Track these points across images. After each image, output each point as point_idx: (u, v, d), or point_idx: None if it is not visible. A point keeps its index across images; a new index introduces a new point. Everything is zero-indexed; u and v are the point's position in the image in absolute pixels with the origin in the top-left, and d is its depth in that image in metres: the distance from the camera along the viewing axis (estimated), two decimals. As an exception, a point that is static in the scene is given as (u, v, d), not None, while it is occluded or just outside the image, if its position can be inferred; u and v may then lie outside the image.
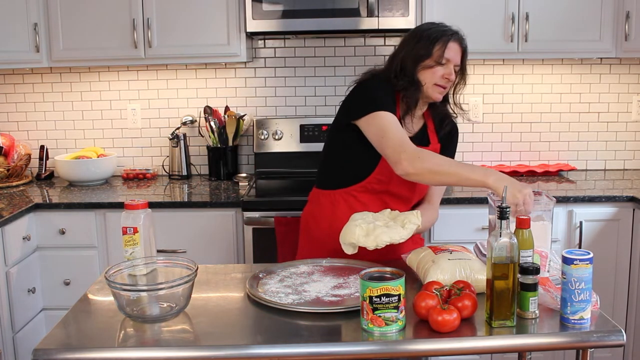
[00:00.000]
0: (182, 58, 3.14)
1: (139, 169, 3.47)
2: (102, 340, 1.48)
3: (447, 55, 2.00)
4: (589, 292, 1.46)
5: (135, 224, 1.79)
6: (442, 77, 2.01)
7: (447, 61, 2.01)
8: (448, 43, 2.00)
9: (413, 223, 1.81)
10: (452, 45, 2.01)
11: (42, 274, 2.91)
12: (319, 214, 2.16)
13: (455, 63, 2.03)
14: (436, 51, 2.00)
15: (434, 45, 2.00)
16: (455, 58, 2.03)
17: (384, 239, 1.75)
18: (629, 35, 2.99)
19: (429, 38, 2.01)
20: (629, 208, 2.84)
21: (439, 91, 2.04)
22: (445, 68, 2.01)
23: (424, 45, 2.01)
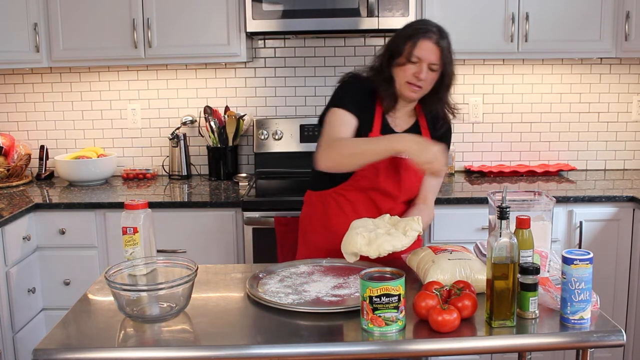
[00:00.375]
0: (182, 58, 3.14)
1: (139, 169, 3.47)
2: (102, 340, 1.48)
3: (417, 54, 1.97)
4: (589, 292, 1.46)
5: (135, 224, 1.79)
6: (412, 75, 1.99)
7: (419, 59, 1.97)
8: (418, 41, 1.97)
9: (415, 230, 1.79)
10: (424, 44, 1.97)
11: (42, 274, 2.91)
12: (313, 215, 2.18)
13: (429, 62, 1.97)
14: (407, 49, 1.98)
15: (406, 42, 1.98)
16: (429, 57, 1.97)
17: (387, 248, 1.73)
18: (629, 35, 2.99)
19: (403, 36, 2.01)
20: (629, 208, 2.84)
21: (411, 89, 2.01)
22: (416, 66, 1.98)
23: (399, 43, 2.01)
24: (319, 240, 2.10)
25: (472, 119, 3.45)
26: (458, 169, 3.48)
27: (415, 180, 2.10)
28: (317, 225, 2.14)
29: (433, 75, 2.00)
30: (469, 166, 3.45)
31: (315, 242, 2.13)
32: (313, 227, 2.17)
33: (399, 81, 2.01)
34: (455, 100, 2.13)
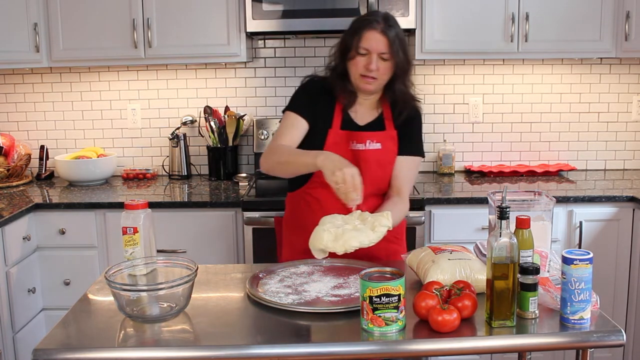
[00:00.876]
0: (182, 58, 3.14)
1: (139, 169, 3.47)
2: (102, 340, 1.48)
3: (364, 45, 1.97)
4: (589, 292, 1.46)
5: (135, 224, 1.79)
6: (364, 68, 1.99)
7: (367, 51, 1.98)
8: (364, 33, 1.97)
9: (383, 226, 1.76)
10: (370, 35, 1.97)
11: (42, 274, 2.91)
12: (290, 216, 2.20)
13: (378, 51, 1.97)
14: (354, 42, 1.98)
15: (353, 36, 1.99)
16: (376, 47, 1.97)
17: (353, 244, 1.70)
18: (629, 35, 2.99)
19: (351, 30, 2.02)
20: (629, 208, 2.84)
21: (365, 82, 2.01)
22: (366, 58, 1.98)
23: (347, 37, 2.02)
24: (297, 240, 2.09)
25: (472, 119, 3.45)
26: (458, 169, 3.48)
27: (379, 173, 2.07)
28: (294, 226, 2.16)
29: (386, 65, 2.00)
30: (469, 166, 3.45)
31: (294, 242, 2.13)
32: (291, 228, 2.19)
33: (354, 75, 2.02)
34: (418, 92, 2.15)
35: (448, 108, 3.44)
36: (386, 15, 2.01)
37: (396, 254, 2.13)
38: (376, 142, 2.07)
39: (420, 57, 3.08)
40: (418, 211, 2.79)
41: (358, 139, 2.06)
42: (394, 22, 2.01)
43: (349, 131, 2.07)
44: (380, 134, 2.08)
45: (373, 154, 2.05)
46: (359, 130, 2.08)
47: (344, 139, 2.06)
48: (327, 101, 2.09)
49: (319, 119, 2.07)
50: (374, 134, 2.07)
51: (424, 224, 2.81)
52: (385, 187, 2.12)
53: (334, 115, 2.08)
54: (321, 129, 2.06)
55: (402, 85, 2.07)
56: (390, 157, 2.09)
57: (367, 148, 2.05)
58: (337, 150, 1.99)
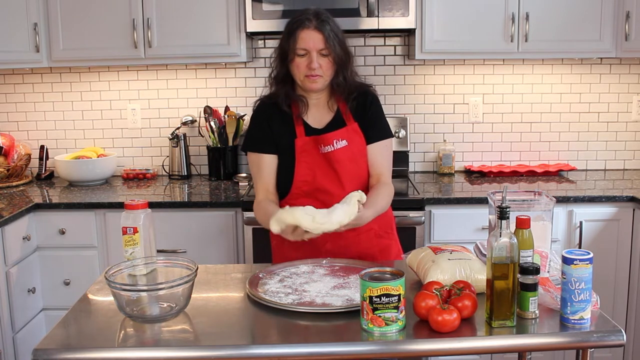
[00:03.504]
0: (182, 58, 3.14)
1: (139, 169, 3.47)
2: (102, 340, 1.48)
3: (301, 46, 1.96)
4: (589, 292, 1.46)
5: (135, 224, 1.79)
6: (307, 67, 1.98)
7: (306, 51, 1.97)
8: (297, 33, 1.97)
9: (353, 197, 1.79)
10: (305, 34, 1.96)
11: (42, 274, 2.91)
12: None
13: (317, 49, 1.97)
14: (291, 45, 1.97)
15: (289, 39, 1.98)
16: (314, 45, 1.96)
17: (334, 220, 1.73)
18: (629, 35, 2.99)
19: (285, 33, 2.01)
20: (629, 208, 2.84)
21: (311, 81, 2.00)
22: (307, 58, 1.98)
23: (283, 42, 2.01)
24: (287, 250, 2.09)
25: (472, 119, 3.45)
26: (458, 169, 3.48)
27: (354, 168, 2.07)
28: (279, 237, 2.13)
29: (327, 60, 1.99)
30: (469, 166, 3.45)
31: (284, 252, 2.12)
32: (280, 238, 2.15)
33: (298, 77, 2.01)
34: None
35: (448, 108, 3.44)
36: (317, 12, 2.00)
37: (389, 249, 2.13)
38: (342, 140, 2.06)
39: (420, 57, 3.08)
40: (418, 211, 2.79)
41: (324, 142, 2.05)
42: (326, 16, 2.00)
43: (314, 136, 2.06)
44: (343, 131, 2.06)
45: (343, 152, 2.04)
46: (322, 133, 2.06)
47: (311, 144, 2.05)
48: (283, 117, 2.08)
49: (281, 138, 2.07)
50: (337, 132, 2.06)
51: (424, 224, 2.81)
52: (365, 179, 2.11)
53: (295, 126, 2.07)
54: (287, 143, 2.06)
55: (343, 78, 2.05)
56: (359, 150, 2.08)
57: (336, 148, 2.04)
58: (308, 155, 2.03)
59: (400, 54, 3.41)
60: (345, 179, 2.06)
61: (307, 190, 2.07)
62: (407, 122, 3.37)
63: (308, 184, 2.06)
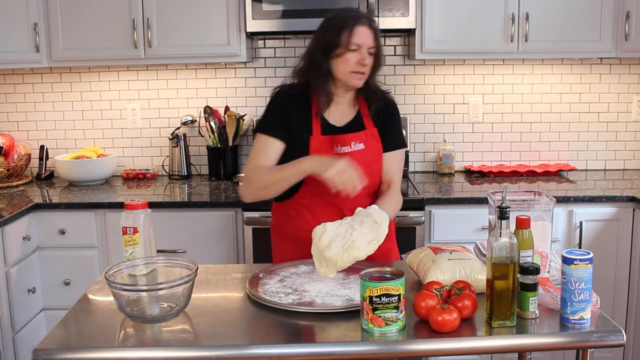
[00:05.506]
0: (182, 58, 3.14)
1: (139, 169, 3.47)
2: (102, 340, 1.48)
3: (356, 41, 1.96)
4: (589, 292, 1.46)
5: (135, 224, 1.79)
6: (357, 64, 1.97)
7: (358, 46, 1.97)
8: (354, 28, 1.96)
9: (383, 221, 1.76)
10: (360, 30, 1.96)
11: (42, 274, 2.91)
12: (280, 226, 2.16)
13: (368, 46, 1.98)
14: (344, 38, 1.96)
15: (342, 32, 1.96)
16: (367, 41, 1.97)
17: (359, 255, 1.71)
18: (629, 35, 2.99)
19: (335, 26, 1.99)
20: (629, 208, 2.84)
21: (357, 77, 2.00)
22: (358, 54, 1.97)
23: (332, 34, 1.98)
24: (289, 249, 2.09)
25: (472, 119, 3.45)
26: (458, 169, 3.48)
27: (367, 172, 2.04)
28: (285, 235, 2.13)
29: (371, 59, 2.01)
30: (469, 166, 3.45)
31: (286, 251, 2.11)
32: (281, 237, 2.16)
33: (342, 72, 1.99)
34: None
35: (448, 108, 3.44)
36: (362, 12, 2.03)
37: (390, 253, 2.13)
38: (359, 143, 2.05)
39: (420, 57, 3.08)
40: (418, 211, 2.79)
41: (342, 142, 2.04)
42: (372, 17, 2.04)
43: (330, 135, 2.05)
44: (361, 134, 2.06)
45: (358, 155, 2.02)
46: (340, 132, 2.05)
47: (326, 144, 2.03)
48: (301, 110, 2.06)
49: (295, 130, 2.04)
50: (356, 134, 2.05)
51: (424, 224, 2.81)
52: (376, 185, 2.11)
53: (311, 122, 2.05)
54: (301, 139, 2.03)
55: (374, 79, 2.08)
56: (374, 155, 2.08)
57: (352, 150, 2.03)
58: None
59: (400, 54, 3.41)
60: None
61: (318, 190, 2.04)
62: (407, 122, 3.37)
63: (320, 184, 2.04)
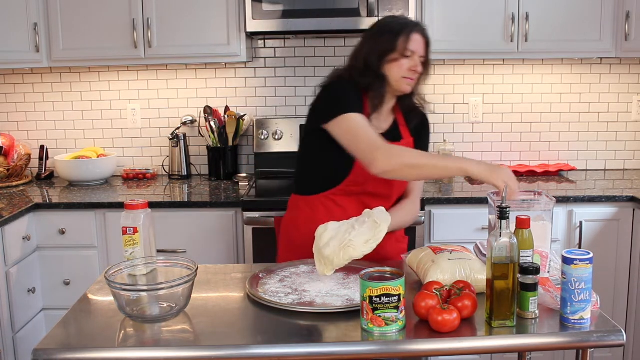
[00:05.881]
0: (182, 58, 3.14)
1: (139, 169, 3.47)
2: (102, 340, 1.48)
3: (411, 47, 1.98)
4: (589, 292, 1.46)
5: (135, 224, 1.79)
6: (409, 70, 1.99)
7: (412, 53, 1.99)
8: (411, 35, 1.98)
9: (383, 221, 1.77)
10: (415, 37, 1.99)
11: (42, 274, 2.91)
12: (299, 219, 2.14)
13: (420, 54, 2.01)
14: (400, 44, 1.98)
15: (398, 38, 1.98)
16: (420, 49, 2.00)
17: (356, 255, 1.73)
18: (629, 35, 2.99)
19: (392, 31, 2.00)
20: (629, 208, 2.84)
21: (407, 83, 2.02)
22: (411, 60, 1.99)
23: (388, 39, 1.99)
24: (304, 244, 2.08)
25: (472, 119, 3.45)
26: (458, 169, 3.48)
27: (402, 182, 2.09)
28: (303, 229, 2.10)
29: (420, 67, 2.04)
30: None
31: (301, 246, 2.08)
32: (299, 231, 2.13)
33: (394, 77, 2.00)
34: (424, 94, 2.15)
35: (448, 108, 3.44)
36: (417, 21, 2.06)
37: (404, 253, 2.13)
38: None
39: (420, 57, 3.08)
40: (418, 211, 2.79)
41: None
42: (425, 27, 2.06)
43: None
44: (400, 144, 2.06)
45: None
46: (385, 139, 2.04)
47: None
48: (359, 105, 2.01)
49: None
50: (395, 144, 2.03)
51: (424, 224, 2.81)
52: (402, 193, 2.14)
53: None
54: None
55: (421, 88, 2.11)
56: None
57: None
58: None
59: (400, 54, 3.41)
60: (397, 188, 2.08)
61: (354, 191, 2.05)
62: (407, 122, 3.37)
63: (359, 186, 2.04)
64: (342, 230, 1.77)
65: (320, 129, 2.01)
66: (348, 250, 1.71)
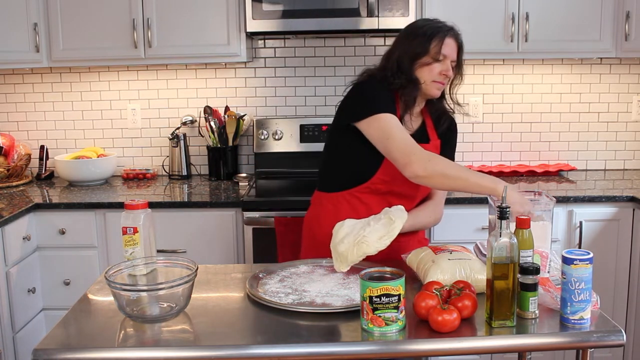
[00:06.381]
0: (182, 58, 3.14)
1: (139, 169, 3.47)
2: (102, 340, 1.48)
3: (443, 52, 1.99)
4: (589, 292, 1.46)
5: (135, 224, 1.79)
6: (440, 74, 2.01)
7: (444, 57, 2.00)
8: (444, 39, 2.00)
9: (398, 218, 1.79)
10: (448, 41, 2.01)
11: (42, 274, 2.91)
12: (322, 216, 2.14)
13: (452, 59, 2.02)
14: (433, 48, 1.99)
15: (431, 41, 1.99)
16: (452, 54, 2.02)
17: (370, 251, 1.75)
18: (629, 35, 2.99)
19: (425, 35, 2.00)
20: (629, 208, 2.84)
21: (437, 87, 2.03)
22: (442, 64, 2.00)
23: (420, 42, 2.00)
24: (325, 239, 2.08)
25: (472, 119, 3.45)
26: (458, 169, 3.48)
27: None
28: (327, 227, 2.10)
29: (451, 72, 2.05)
30: (469, 166, 3.45)
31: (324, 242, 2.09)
32: (321, 227, 2.13)
33: (425, 80, 2.02)
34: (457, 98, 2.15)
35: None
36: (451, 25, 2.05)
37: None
38: None
39: (420, 57, 3.08)
40: (418, 211, 2.79)
41: None
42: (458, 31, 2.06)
43: None
44: (430, 146, 2.07)
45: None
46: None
47: None
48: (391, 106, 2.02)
49: None
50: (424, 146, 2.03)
51: (424, 224, 2.81)
52: (426, 194, 2.15)
53: None
54: None
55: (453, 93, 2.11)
56: None
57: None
58: None
59: (400, 54, 3.41)
60: (422, 188, 2.08)
61: (380, 189, 2.05)
62: (407, 122, 3.37)
63: (386, 184, 2.04)
64: (358, 227, 1.80)
65: (348, 127, 2.01)
66: (362, 246, 1.74)
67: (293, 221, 2.67)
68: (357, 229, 1.79)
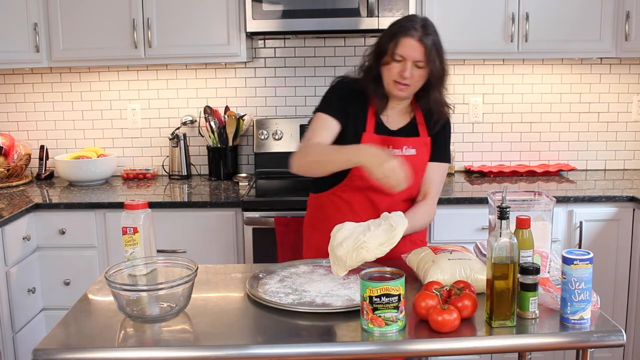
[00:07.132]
0: (182, 58, 3.14)
1: (139, 169, 3.47)
2: (102, 340, 1.48)
3: (400, 52, 1.94)
4: (589, 292, 1.46)
5: (135, 224, 1.79)
6: (398, 74, 1.96)
7: (403, 58, 1.95)
8: (400, 39, 1.94)
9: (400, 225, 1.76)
10: (406, 42, 1.94)
11: (42, 274, 2.91)
12: (314, 218, 2.18)
13: (414, 59, 1.94)
14: (390, 47, 1.96)
15: (390, 41, 1.97)
16: (412, 54, 1.94)
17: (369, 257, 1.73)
18: (629, 35, 2.99)
19: (388, 34, 1.99)
20: (629, 208, 2.84)
21: (398, 88, 1.99)
22: (401, 65, 1.96)
23: (384, 41, 1.99)
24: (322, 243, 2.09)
25: (472, 119, 3.45)
26: (458, 169, 3.48)
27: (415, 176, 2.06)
28: (319, 228, 2.13)
29: (420, 72, 1.97)
30: (469, 166, 3.45)
31: (319, 244, 2.11)
32: (315, 229, 2.16)
33: (387, 80, 2.00)
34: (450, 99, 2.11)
35: (448, 108, 3.44)
36: (425, 22, 1.98)
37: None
38: (411, 148, 2.06)
39: (420, 57, 3.08)
40: (418, 211, 2.79)
41: (395, 144, 2.04)
42: (432, 29, 1.97)
43: (383, 136, 2.05)
44: (415, 140, 2.07)
45: (409, 160, 1.97)
46: (394, 135, 2.06)
47: (378, 143, 2.02)
48: (359, 103, 2.06)
49: (350, 121, 2.05)
50: (409, 139, 2.06)
51: (424, 224, 2.81)
52: (416, 193, 2.13)
53: (367, 119, 2.06)
54: (354, 132, 2.04)
55: (438, 92, 2.05)
56: (422, 164, 2.09)
57: (403, 154, 2.04)
58: None
59: (400, 54, 3.41)
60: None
61: (359, 185, 2.05)
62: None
63: (363, 180, 2.02)
64: (357, 231, 1.76)
65: None
66: (361, 252, 1.72)
67: (293, 221, 2.67)
68: (356, 233, 1.76)
